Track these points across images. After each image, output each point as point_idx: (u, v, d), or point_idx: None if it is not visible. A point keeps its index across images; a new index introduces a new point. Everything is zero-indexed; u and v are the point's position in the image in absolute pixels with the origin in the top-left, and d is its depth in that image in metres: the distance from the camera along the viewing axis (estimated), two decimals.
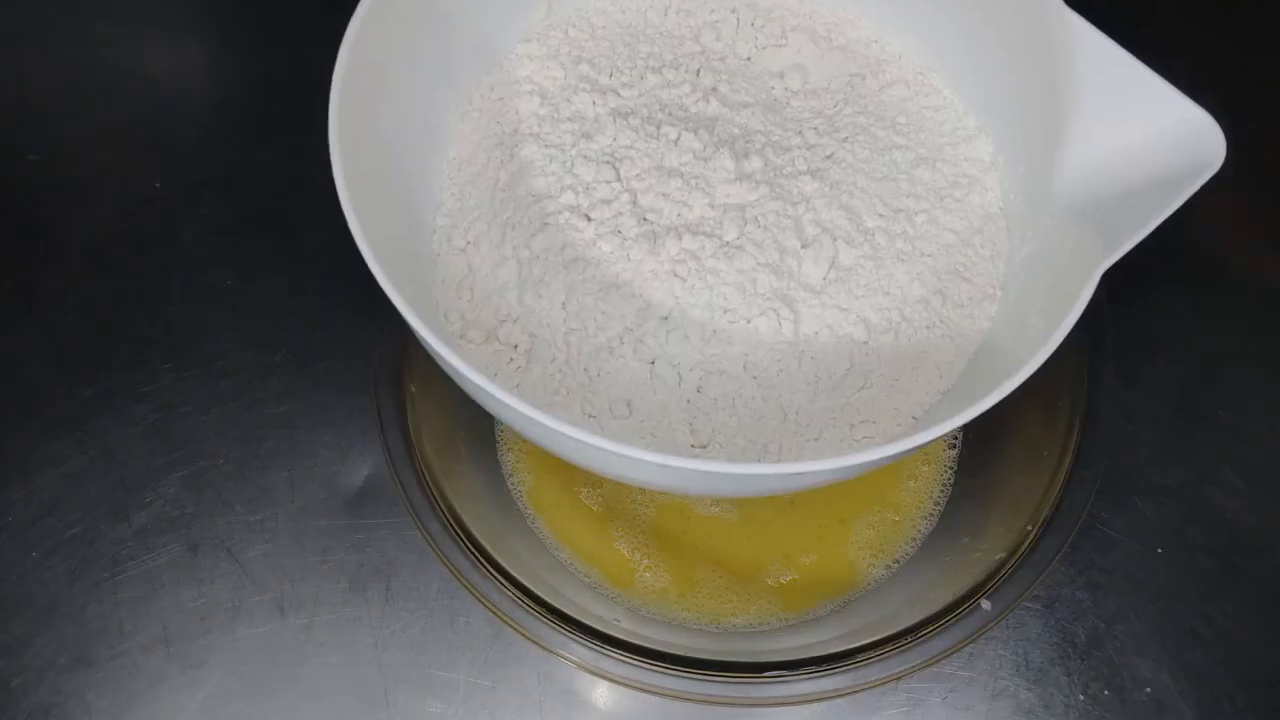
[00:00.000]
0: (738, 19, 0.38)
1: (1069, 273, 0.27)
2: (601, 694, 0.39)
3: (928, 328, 0.32)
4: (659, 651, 0.33)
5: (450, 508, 0.34)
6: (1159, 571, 0.42)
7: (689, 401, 0.30)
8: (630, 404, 0.30)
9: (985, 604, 0.33)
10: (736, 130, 0.35)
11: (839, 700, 0.39)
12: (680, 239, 0.32)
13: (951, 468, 0.42)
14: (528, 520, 0.41)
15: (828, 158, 0.34)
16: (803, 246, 0.32)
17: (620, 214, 0.32)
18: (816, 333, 0.31)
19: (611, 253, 0.32)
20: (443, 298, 0.32)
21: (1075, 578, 0.42)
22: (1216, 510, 0.43)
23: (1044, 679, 0.40)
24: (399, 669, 0.40)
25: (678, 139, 0.34)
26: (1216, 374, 0.47)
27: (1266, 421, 0.46)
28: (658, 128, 0.34)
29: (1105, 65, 0.30)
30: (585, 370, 0.31)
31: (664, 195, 0.33)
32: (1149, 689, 0.40)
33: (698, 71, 0.37)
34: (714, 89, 0.36)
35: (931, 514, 0.41)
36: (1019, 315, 0.31)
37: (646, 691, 0.32)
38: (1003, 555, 0.34)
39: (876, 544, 0.41)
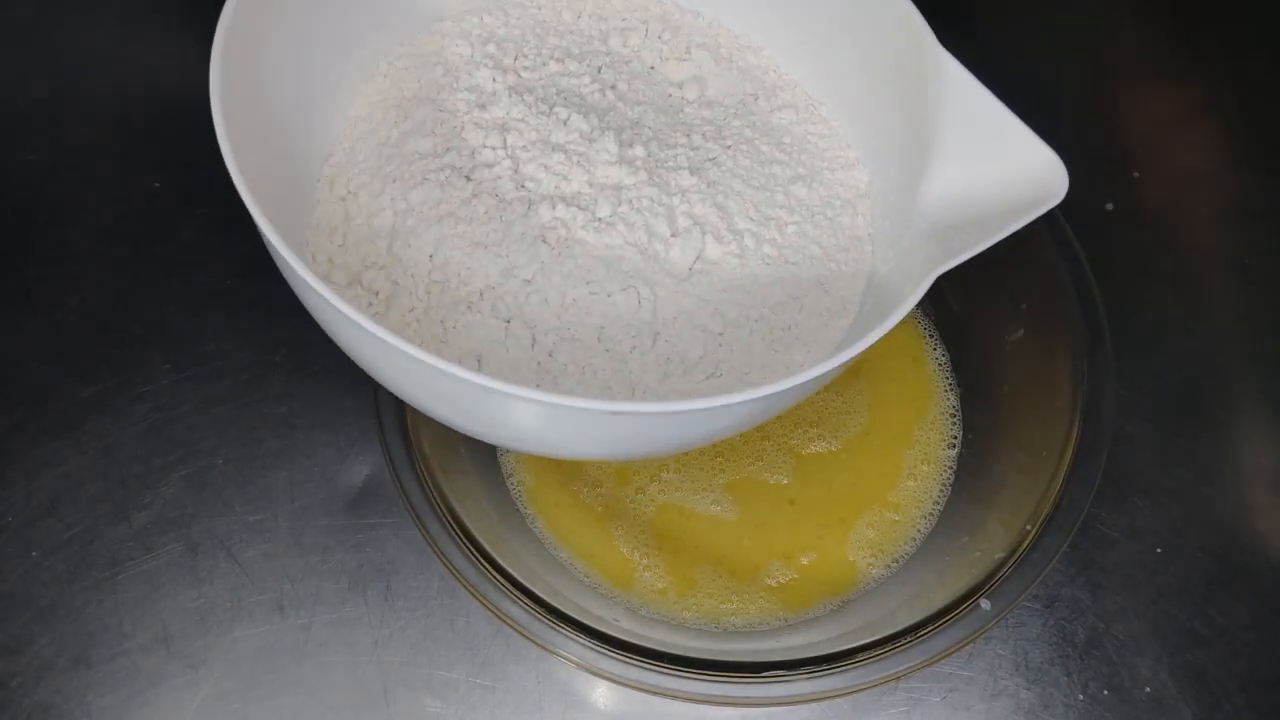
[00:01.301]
0: (647, 29, 0.40)
1: (914, 281, 0.30)
2: (601, 694, 0.39)
3: (783, 330, 0.33)
4: (658, 651, 0.32)
5: (450, 507, 0.34)
6: (1159, 571, 0.42)
7: (539, 364, 0.31)
8: (481, 359, 0.31)
9: (985, 604, 0.33)
10: (626, 121, 0.36)
11: (839, 700, 0.39)
12: (554, 208, 0.33)
13: (951, 467, 0.42)
14: (527, 520, 0.41)
15: (710, 160, 0.36)
16: (672, 235, 0.33)
17: (500, 178, 0.33)
18: (674, 318, 0.32)
19: (485, 213, 0.33)
20: (315, 240, 0.33)
21: (1075, 577, 0.42)
22: (1216, 510, 0.43)
23: (1043, 678, 0.40)
24: (399, 669, 0.40)
25: (567, 119, 0.35)
26: (1216, 374, 0.47)
27: (1267, 421, 0.46)
28: (550, 107, 0.35)
29: (971, 106, 0.33)
30: (442, 322, 0.31)
31: (545, 167, 0.34)
32: (1149, 689, 0.40)
33: (599, 69, 0.38)
34: (613, 85, 0.37)
35: (931, 514, 0.41)
36: (870, 325, 0.32)
37: (646, 691, 0.32)
38: (1002, 555, 0.34)
39: (876, 544, 0.41)
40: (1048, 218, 0.39)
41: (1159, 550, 0.42)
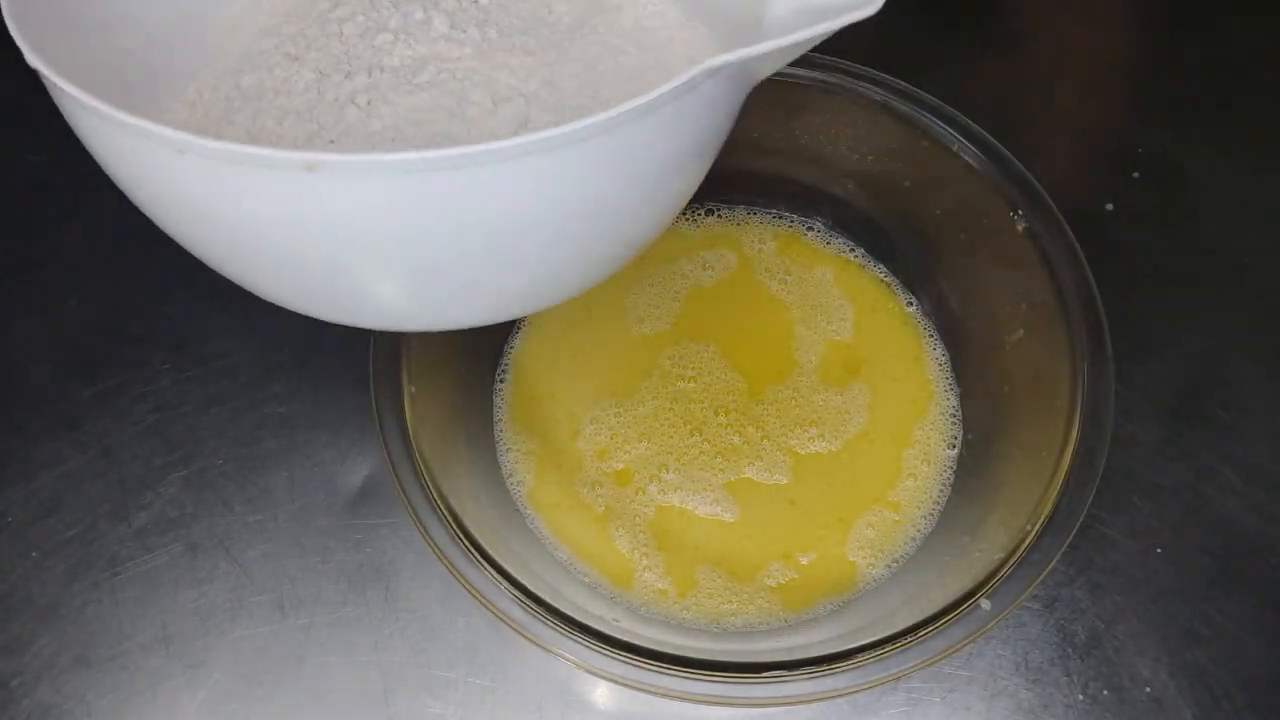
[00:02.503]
0: None
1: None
2: (601, 694, 0.39)
3: None
4: (658, 651, 0.32)
5: (449, 507, 0.34)
6: (1159, 571, 0.42)
7: None
8: None
9: (985, 604, 0.33)
10: (475, 14, 0.36)
11: (838, 700, 0.39)
12: (370, 75, 0.33)
13: (951, 468, 0.42)
14: (527, 520, 0.41)
15: (553, 44, 0.35)
16: (494, 104, 0.32)
17: (325, 57, 0.34)
18: None
19: (304, 86, 0.33)
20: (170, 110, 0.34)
21: (1075, 578, 0.42)
22: (1216, 510, 0.43)
23: (1044, 679, 0.40)
24: (399, 669, 0.40)
25: (411, 12, 0.35)
26: (1216, 374, 0.47)
27: (1266, 421, 0.46)
28: (397, 6, 0.35)
29: None
30: None
31: (372, 46, 0.34)
32: (1149, 689, 0.40)
33: None
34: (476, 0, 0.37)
35: (931, 514, 0.41)
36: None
37: (646, 691, 0.32)
38: (1002, 555, 0.34)
39: (876, 544, 0.41)
40: (1048, 218, 0.39)
41: (1159, 550, 0.42)
